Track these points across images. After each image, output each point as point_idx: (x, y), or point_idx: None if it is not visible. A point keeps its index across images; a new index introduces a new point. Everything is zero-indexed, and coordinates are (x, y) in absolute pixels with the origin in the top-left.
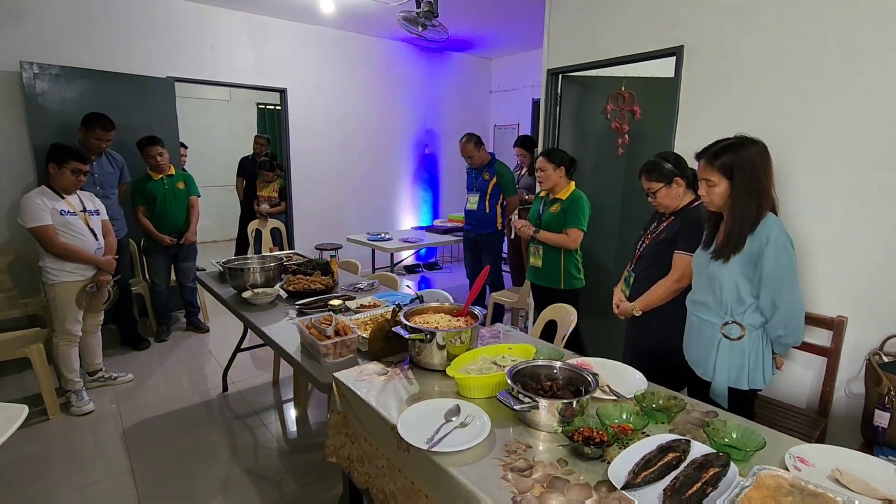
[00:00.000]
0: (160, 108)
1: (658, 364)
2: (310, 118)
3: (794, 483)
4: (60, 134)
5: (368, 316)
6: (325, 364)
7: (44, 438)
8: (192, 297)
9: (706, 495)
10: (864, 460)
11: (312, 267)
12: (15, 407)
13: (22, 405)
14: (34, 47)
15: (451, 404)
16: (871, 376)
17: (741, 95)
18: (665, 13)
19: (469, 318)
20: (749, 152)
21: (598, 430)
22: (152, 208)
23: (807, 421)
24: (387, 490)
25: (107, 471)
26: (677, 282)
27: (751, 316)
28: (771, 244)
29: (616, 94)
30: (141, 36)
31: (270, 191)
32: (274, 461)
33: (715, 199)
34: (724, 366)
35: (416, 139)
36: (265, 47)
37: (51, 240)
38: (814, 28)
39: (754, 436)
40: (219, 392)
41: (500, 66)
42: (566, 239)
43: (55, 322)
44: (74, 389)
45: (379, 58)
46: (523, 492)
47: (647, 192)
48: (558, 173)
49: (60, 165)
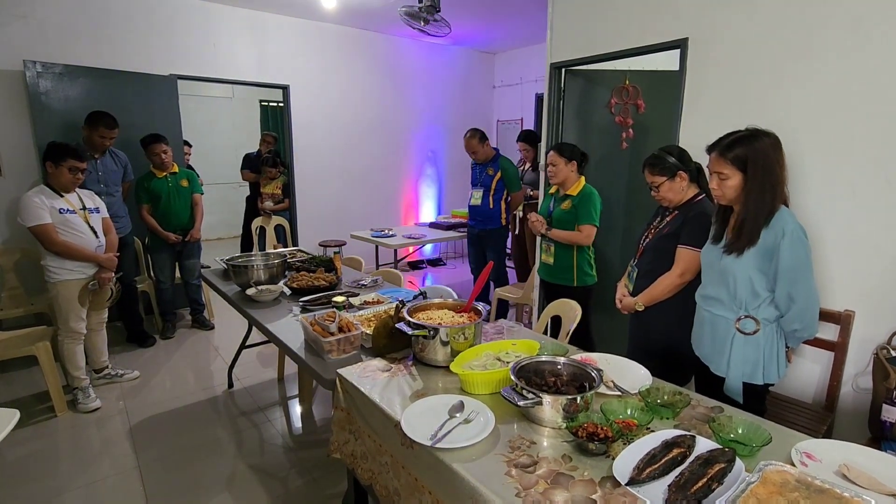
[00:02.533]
0: (163, 106)
1: (662, 359)
2: (312, 115)
3: (801, 479)
4: (64, 132)
5: (372, 312)
6: (328, 360)
7: (51, 435)
8: (197, 295)
9: (711, 491)
10: (872, 455)
11: (316, 264)
12: (6, 412)
13: (13, 410)
14: (37, 46)
15: (455, 400)
16: (879, 371)
17: (746, 88)
18: (669, 5)
19: (473, 313)
20: (763, 144)
21: (603, 426)
22: (156, 206)
23: (813, 416)
24: (390, 486)
25: (113, 467)
26: (681, 276)
27: (765, 310)
28: (787, 237)
29: (620, 88)
30: (143, 34)
31: (274, 188)
32: (279, 457)
33: (727, 193)
34: (739, 361)
35: (419, 134)
36: (267, 44)
37: (50, 238)
38: (820, 18)
39: (760, 431)
40: (224, 389)
41: (503, 60)
42: (579, 236)
43: (59, 320)
44: (81, 386)
45: (381, 53)
46: (527, 488)
47: (651, 185)
48: (569, 167)
49: (57, 164)
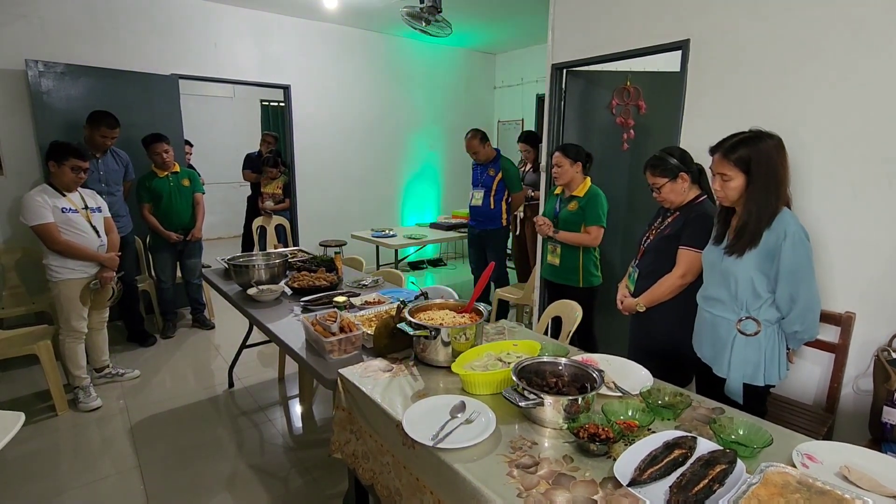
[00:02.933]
0: (164, 106)
1: (662, 360)
2: (313, 115)
3: (802, 480)
4: (66, 132)
5: (373, 312)
6: (329, 360)
7: (52, 434)
8: (198, 294)
9: (713, 492)
10: (873, 457)
11: (317, 264)
12: (10, 415)
13: (18, 413)
14: (39, 45)
15: (456, 401)
16: (880, 372)
17: (748, 89)
18: (670, 6)
19: (474, 314)
20: (766, 146)
21: (604, 427)
22: (158, 205)
23: (814, 417)
24: (392, 486)
25: (114, 466)
26: (682, 277)
27: (767, 311)
28: (789, 238)
29: (621, 89)
30: (145, 33)
31: (275, 188)
32: (280, 457)
33: (730, 194)
34: (740, 362)
35: (420, 135)
36: (269, 44)
37: (53, 237)
38: (821, 19)
39: (761, 432)
40: (225, 388)
41: (504, 61)
42: (587, 237)
43: (61, 319)
44: (82, 386)
45: (382, 54)
46: (529, 488)
47: (652, 187)
48: (575, 168)
49: (60, 163)
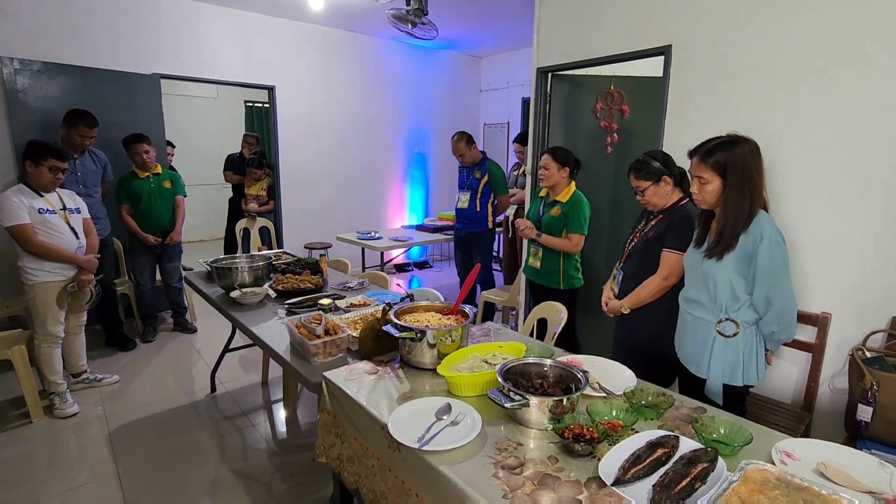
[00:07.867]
0: (146, 106)
1: (647, 361)
2: (298, 116)
3: (781, 477)
4: (42, 131)
5: (358, 315)
6: (314, 363)
7: (27, 441)
8: (179, 298)
9: (695, 490)
10: (848, 454)
11: (302, 266)
12: None
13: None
14: (15, 42)
15: (442, 403)
16: (855, 371)
17: (729, 94)
18: (654, 13)
19: (459, 316)
20: (742, 150)
21: (589, 427)
22: (137, 207)
23: (792, 416)
24: (377, 490)
25: (91, 474)
26: (665, 279)
27: (745, 313)
28: (765, 241)
29: (605, 93)
30: (126, 31)
31: (259, 189)
32: (263, 462)
33: (707, 197)
34: (719, 363)
35: (406, 137)
36: (253, 44)
37: (29, 238)
38: (800, 28)
39: (741, 431)
40: (207, 393)
41: (490, 64)
42: (568, 244)
43: (36, 323)
44: (58, 391)
45: (368, 56)
46: (514, 489)
47: (636, 190)
48: (562, 173)
49: (37, 163)
